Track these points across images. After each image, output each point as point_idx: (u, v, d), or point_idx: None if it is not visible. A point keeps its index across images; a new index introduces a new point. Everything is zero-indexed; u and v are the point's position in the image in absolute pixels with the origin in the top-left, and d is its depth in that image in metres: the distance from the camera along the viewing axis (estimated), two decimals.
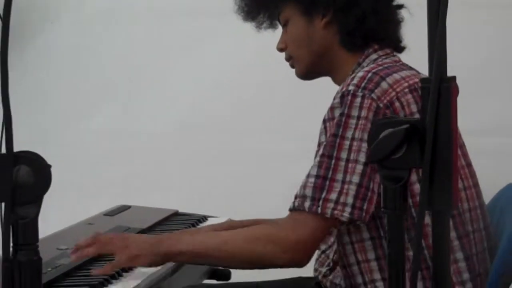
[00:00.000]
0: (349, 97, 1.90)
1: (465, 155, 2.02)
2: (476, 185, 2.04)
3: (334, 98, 1.97)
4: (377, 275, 1.97)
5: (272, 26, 2.24)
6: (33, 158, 1.16)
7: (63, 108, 3.71)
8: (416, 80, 1.97)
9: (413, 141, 1.10)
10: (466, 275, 1.95)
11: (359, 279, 1.99)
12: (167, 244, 2.01)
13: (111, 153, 3.68)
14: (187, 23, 3.55)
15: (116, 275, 2.03)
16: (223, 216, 2.72)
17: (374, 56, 2.08)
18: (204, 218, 2.74)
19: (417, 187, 1.87)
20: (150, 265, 2.02)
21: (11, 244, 1.15)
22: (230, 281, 2.34)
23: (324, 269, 2.21)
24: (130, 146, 3.65)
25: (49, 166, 1.17)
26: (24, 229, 1.16)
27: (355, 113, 1.89)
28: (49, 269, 2.07)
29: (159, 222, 2.67)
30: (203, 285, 2.34)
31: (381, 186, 1.14)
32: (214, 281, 2.46)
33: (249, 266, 2.06)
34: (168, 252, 2.00)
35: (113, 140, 3.71)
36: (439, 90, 1.07)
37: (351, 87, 1.91)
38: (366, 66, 2.06)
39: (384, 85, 1.92)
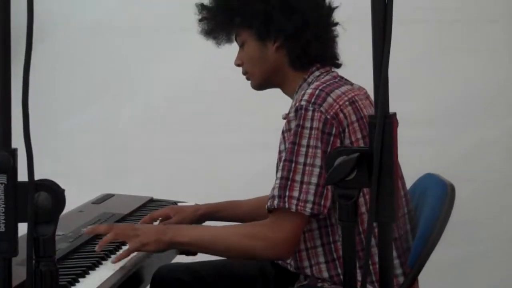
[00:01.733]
0: (302, 111, 1.92)
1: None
2: (401, 177, 2.07)
3: (289, 112, 2.00)
4: (321, 259, 2.01)
5: (230, 42, 2.24)
6: (51, 185, 1.16)
7: (54, 107, 3.66)
8: (353, 94, 2.01)
9: (362, 166, 1.13)
10: (394, 253, 1.99)
11: (306, 263, 2.03)
12: (170, 236, 1.99)
13: (94, 146, 3.65)
14: (156, 38, 3.52)
15: (105, 257, 2.03)
16: (191, 201, 2.72)
17: (317, 73, 2.11)
18: (175, 203, 2.74)
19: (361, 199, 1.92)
20: (156, 251, 2.03)
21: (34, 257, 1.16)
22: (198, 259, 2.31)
23: None
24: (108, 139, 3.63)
25: (63, 192, 1.18)
26: (44, 244, 1.16)
27: (308, 124, 1.91)
28: None
29: (137, 208, 2.67)
30: (178, 264, 2.34)
31: (337, 202, 1.16)
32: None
33: (242, 258, 2.13)
34: (170, 242, 2.00)
35: (95, 134, 3.68)
36: (384, 125, 1.10)
37: (303, 103, 1.94)
38: (311, 82, 2.08)
39: (329, 100, 1.94)
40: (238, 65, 2.21)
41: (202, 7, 2.21)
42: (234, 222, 2.34)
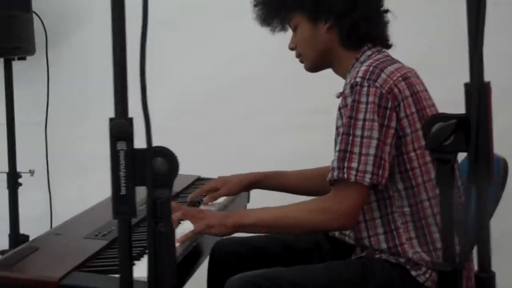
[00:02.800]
0: (358, 87, 1.99)
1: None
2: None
3: (344, 89, 2.07)
4: (379, 230, 2.08)
5: (284, 29, 2.31)
6: (166, 151, 1.22)
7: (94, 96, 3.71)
8: (405, 71, 2.09)
9: (459, 131, 1.19)
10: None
11: (365, 234, 2.10)
12: (234, 219, 2.06)
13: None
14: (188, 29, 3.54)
15: None
16: None
17: (368, 52, 2.17)
18: None
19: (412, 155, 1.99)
20: (221, 235, 2.10)
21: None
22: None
23: None
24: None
25: (177, 158, 1.24)
26: (161, 206, 1.22)
27: (363, 99, 1.99)
28: (113, 228, 2.11)
29: (187, 186, 2.73)
30: (235, 238, 2.40)
31: (435, 164, 1.22)
32: None
33: (307, 232, 2.22)
34: (234, 225, 2.06)
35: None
36: (479, 92, 1.16)
37: (358, 79, 2.01)
38: (363, 61, 2.15)
39: (383, 75, 2.01)
40: (291, 48, 2.28)
41: None
42: (280, 192, 2.47)
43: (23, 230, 3.45)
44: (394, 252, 2.06)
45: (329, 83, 2.39)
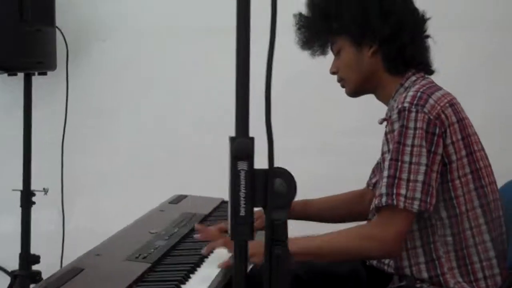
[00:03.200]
0: (406, 113, 2.00)
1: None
2: (495, 181, 2.14)
3: (388, 115, 2.07)
4: (421, 259, 2.09)
5: (324, 53, 2.31)
6: (285, 172, 1.21)
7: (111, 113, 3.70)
8: (451, 97, 2.11)
9: None
10: (491, 253, 2.07)
11: (406, 263, 2.10)
12: None
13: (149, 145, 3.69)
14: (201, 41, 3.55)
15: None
16: None
17: (413, 78, 2.18)
18: None
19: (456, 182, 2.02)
20: (261, 263, 2.05)
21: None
22: None
23: None
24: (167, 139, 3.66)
25: (294, 179, 1.22)
26: (278, 228, 1.21)
27: (412, 124, 1.99)
28: (152, 250, 2.11)
29: (214, 209, 2.72)
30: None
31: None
32: None
33: (351, 260, 2.21)
34: None
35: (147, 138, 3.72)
36: None
37: (406, 104, 2.01)
38: (408, 86, 2.16)
39: (431, 101, 2.02)
40: (333, 73, 2.28)
41: (300, 16, 2.28)
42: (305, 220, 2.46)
43: (34, 249, 3.41)
44: (436, 282, 2.07)
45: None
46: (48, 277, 1.90)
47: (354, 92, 2.27)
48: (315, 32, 2.26)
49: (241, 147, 1.14)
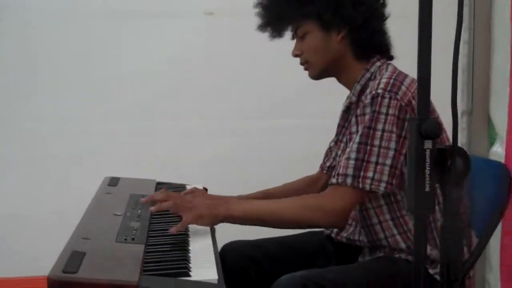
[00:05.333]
0: (379, 99, 2.11)
1: None
2: None
3: (365, 99, 2.17)
4: (395, 231, 2.22)
5: (281, 36, 2.35)
6: (463, 151, 1.29)
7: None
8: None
9: None
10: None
11: (381, 235, 2.23)
12: (223, 209, 2.11)
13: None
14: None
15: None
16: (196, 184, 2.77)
17: (378, 63, 2.29)
18: (182, 186, 2.79)
19: None
20: (211, 225, 2.12)
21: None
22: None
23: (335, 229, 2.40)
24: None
25: (469, 158, 1.28)
26: (455, 204, 1.27)
27: (384, 110, 2.11)
28: (134, 231, 2.09)
29: (156, 190, 2.69)
30: (238, 241, 2.42)
31: None
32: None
33: (297, 227, 2.24)
34: (225, 216, 2.11)
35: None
36: None
37: (379, 91, 2.12)
38: (373, 71, 2.26)
39: (403, 88, 2.14)
40: (296, 55, 2.32)
41: None
42: None
43: None
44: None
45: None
46: (55, 263, 1.80)
47: (318, 75, 2.33)
48: (282, 15, 2.28)
49: (430, 127, 1.19)
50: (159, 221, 2.25)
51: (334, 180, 2.11)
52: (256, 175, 3.21)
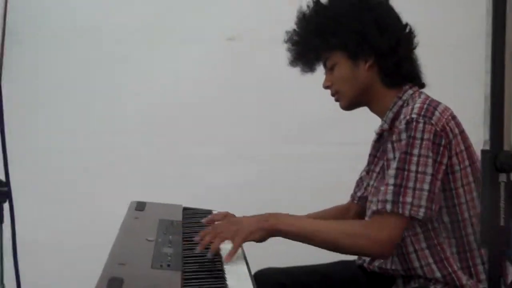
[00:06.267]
0: (414, 123, 2.11)
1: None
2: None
3: (400, 125, 2.15)
4: (431, 260, 2.20)
5: (313, 70, 2.37)
6: None
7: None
8: (451, 110, 2.23)
9: None
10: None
11: (417, 264, 2.21)
12: (271, 223, 2.10)
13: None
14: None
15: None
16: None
17: (410, 91, 2.29)
18: (209, 212, 2.76)
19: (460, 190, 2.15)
20: (260, 240, 2.10)
21: None
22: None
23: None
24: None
25: None
26: None
27: (419, 135, 2.10)
28: (169, 258, 2.06)
29: (184, 215, 2.67)
30: (270, 268, 2.40)
31: None
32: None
33: (342, 252, 2.19)
34: (272, 229, 2.10)
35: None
36: None
37: (414, 116, 2.12)
38: (406, 99, 2.26)
39: (437, 113, 2.15)
40: (327, 87, 2.33)
41: (293, 32, 2.31)
42: None
43: None
44: (449, 280, 2.19)
45: None
46: None
47: (349, 105, 2.33)
48: (309, 48, 2.30)
49: (505, 159, 1.17)
50: (191, 247, 2.23)
51: (374, 207, 2.11)
52: (278, 202, 3.18)
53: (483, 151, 1.21)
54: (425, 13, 3.31)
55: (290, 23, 2.34)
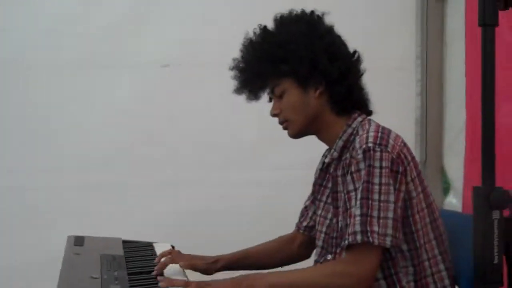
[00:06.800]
0: (371, 152, 2.07)
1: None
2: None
3: (357, 155, 2.10)
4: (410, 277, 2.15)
5: (258, 98, 2.29)
6: None
7: None
8: (401, 137, 2.18)
9: None
10: (446, 281, 2.20)
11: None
12: (246, 284, 2.02)
13: None
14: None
15: None
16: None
17: (359, 119, 2.25)
18: (149, 244, 2.69)
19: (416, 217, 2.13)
20: None
21: None
22: None
23: None
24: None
25: None
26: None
27: (377, 164, 2.07)
28: None
29: (125, 249, 2.59)
30: None
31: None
32: None
33: None
34: None
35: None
36: None
37: (370, 144, 2.09)
38: (355, 127, 2.23)
39: (390, 141, 2.12)
40: (275, 115, 2.27)
41: (241, 58, 2.25)
42: (256, 270, 2.37)
43: None
44: None
45: None
46: None
47: (298, 133, 2.28)
48: (257, 75, 2.23)
49: (499, 197, 1.14)
50: (139, 283, 2.15)
51: (346, 242, 2.05)
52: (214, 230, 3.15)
53: (475, 188, 1.19)
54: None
55: (225, 50, 2.29)
